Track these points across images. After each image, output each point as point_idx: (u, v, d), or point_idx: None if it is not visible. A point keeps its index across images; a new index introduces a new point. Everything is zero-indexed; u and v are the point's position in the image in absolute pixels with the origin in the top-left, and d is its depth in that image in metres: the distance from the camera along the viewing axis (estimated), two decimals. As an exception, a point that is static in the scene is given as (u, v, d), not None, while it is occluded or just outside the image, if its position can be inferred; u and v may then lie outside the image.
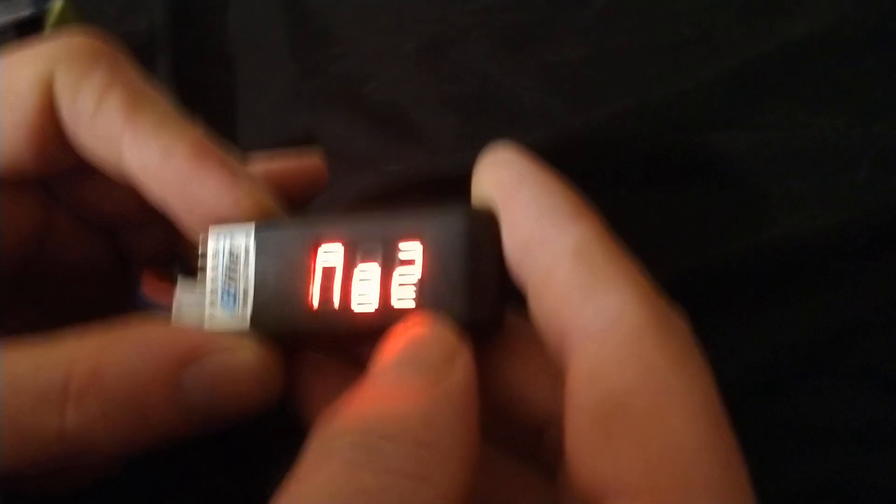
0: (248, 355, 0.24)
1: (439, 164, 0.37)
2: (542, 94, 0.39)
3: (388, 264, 0.24)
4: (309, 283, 0.24)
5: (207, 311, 0.25)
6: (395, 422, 0.19)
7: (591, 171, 0.35)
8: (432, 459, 0.19)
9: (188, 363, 0.23)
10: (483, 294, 0.23)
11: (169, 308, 0.26)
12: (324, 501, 0.18)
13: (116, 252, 0.30)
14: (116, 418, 0.22)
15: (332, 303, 0.24)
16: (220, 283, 0.25)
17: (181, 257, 0.29)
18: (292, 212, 0.27)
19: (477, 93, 0.40)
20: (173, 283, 0.26)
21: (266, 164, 0.31)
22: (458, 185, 0.35)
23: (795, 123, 0.35)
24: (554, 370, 0.23)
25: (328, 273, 0.24)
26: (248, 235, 0.25)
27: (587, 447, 0.19)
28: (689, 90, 0.37)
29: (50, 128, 0.26)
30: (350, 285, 0.24)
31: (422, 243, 0.23)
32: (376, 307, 0.24)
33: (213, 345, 0.23)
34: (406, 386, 0.20)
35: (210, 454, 0.30)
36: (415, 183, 0.36)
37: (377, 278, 0.24)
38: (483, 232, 0.23)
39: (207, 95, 0.42)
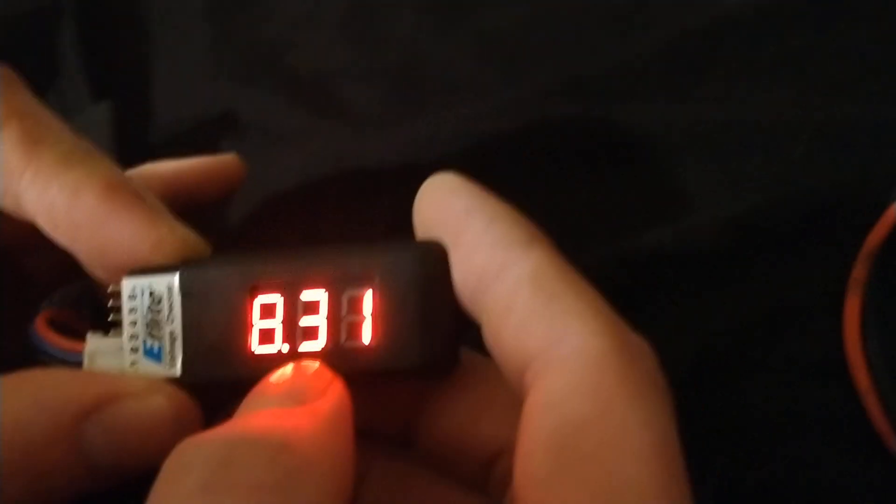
0: (160, 402, 0.22)
1: (366, 145, 0.35)
2: (474, 64, 0.37)
3: (336, 303, 0.22)
4: (247, 326, 0.23)
5: (128, 359, 0.23)
6: (256, 432, 0.18)
7: (525, 150, 0.34)
8: (297, 468, 0.17)
9: (90, 413, 0.21)
10: (439, 333, 0.22)
11: (73, 359, 0.24)
12: None
13: (13, 273, 0.28)
14: (11, 480, 0.20)
15: (275, 345, 0.22)
16: (141, 332, 0.23)
17: (91, 304, 0.27)
18: (213, 232, 0.26)
19: (404, 63, 0.38)
20: (77, 323, 0.24)
21: (178, 164, 0.28)
22: (386, 174, 0.34)
23: (733, 97, 0.34)
24: (504, 402, 0.22)
25: (268, 314, 0.22)
26: (172, 278, 0.23)
27: (536, 477, 0.18)
28: (624, 62, 0.35)
29: None
30: (295, 326, 0.22)
31: (372, 282, 0.22)
32: (324, 346, 0.22)
33: (119, 391, 0.22)
34: (268, 410, 0.19)
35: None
36: (340, 169, 0.34)
37: (324, 318, 0.22)
38: (435, 269, 0.22)
39: (118, 67, 0.40)
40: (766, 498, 0.27)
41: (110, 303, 0.23)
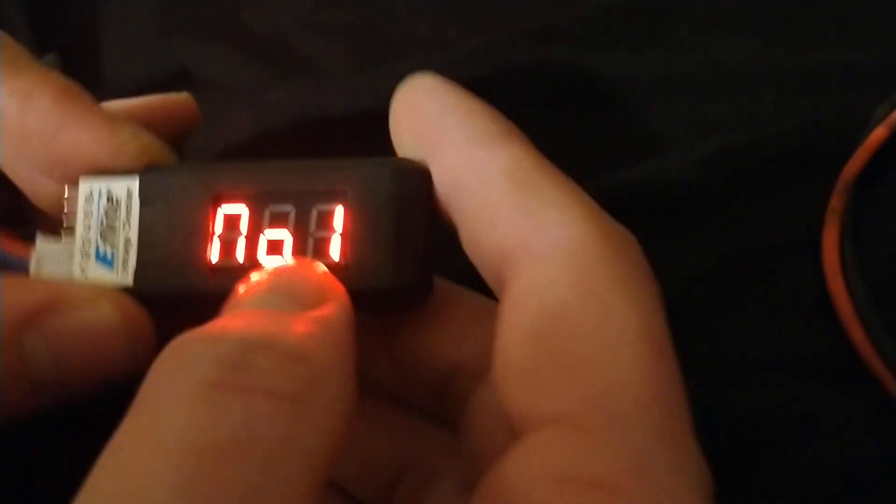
0: (107, 310, 0.20)
1: (327, 95, 0.34)
2: (436, 19, 0.36)
3: (304, 218, 0.21)
4: (208, 237, 0.21)
5: (78, 265, 0.22)
6: (269, 334, 0.17)
7: (494, 95, 0.33)
8: (312, 380, 0.16)
9: (32, 323, 0.19)
10: (412, 255, 0.21)
11: (19, 265, 0.22)
12: (169, 447, 0.14)
13: None
14: None
15: (236, 258, 0.21)
16: (94, 236, 0.22)
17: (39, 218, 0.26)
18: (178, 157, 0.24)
19: (364, 19, 0.37)
20: (29, 239, 0.23)
21: (128, 104, 0.27)
22: (349, 123, 0.32)
23: (700, 47, 0.34)
24: (473, 322, 0.21)
25: (231, 224, 0.21)
26: (132, 181, 0.22)
27: (516, 369, 0.17)
28: (591, 12, 0.35)
29: None
30: (258, 238, 0.21)
31: (344, 198, 0.21)
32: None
33: (62, 298, 0.20)
34: (275, 312, 0.18)
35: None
36: (301, 119, 0.33)
37: (291, 232, 0.21)
38: (413, 188, 0.21)
39: (65, 24, 0.38)
40: (751, 433, 0.27)
41: (65, 208, 0.22)
